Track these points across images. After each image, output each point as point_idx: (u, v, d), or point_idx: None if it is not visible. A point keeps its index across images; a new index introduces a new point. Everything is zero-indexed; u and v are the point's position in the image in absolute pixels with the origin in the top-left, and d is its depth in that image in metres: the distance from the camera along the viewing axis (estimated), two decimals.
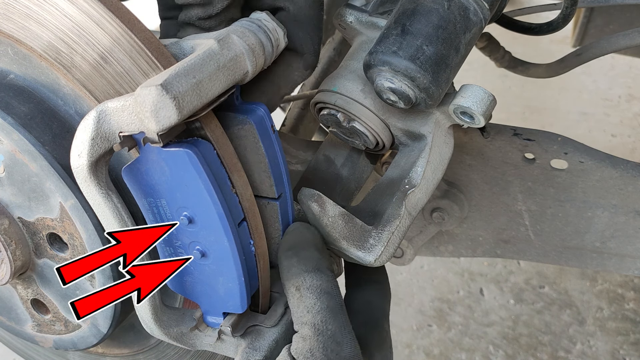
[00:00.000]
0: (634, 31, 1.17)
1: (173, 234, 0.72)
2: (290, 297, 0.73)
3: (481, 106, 0.81)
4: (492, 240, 1.20)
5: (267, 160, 0.75)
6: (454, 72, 0.83)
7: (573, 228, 1.12)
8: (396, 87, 0.81)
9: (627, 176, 1.03)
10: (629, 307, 2.16)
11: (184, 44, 0.75)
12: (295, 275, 0.73)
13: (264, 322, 0.79)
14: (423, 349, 2.06)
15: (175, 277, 0.76)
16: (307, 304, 0.71)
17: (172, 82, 0.61)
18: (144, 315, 0.77)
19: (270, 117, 0.75)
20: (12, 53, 0.78)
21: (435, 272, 2.31)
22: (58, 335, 0.94)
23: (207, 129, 0.69)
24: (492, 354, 2.03)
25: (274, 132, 0.75)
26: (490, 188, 1.13)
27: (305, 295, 0.71)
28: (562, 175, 1.06)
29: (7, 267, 0.83)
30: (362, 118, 0.90)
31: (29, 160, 0.77)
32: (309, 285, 0.72)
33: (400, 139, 0.93)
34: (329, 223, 0.81)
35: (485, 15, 0.84)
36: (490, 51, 1.32)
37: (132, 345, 1.01)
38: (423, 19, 0.80)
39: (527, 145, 1.05)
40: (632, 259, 1.13)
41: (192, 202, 0.69)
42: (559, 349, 2.04)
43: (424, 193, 0.88)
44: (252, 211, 0.74)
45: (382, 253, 0.81)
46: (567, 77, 1.58)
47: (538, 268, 2.30)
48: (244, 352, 0.76)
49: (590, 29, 1.80)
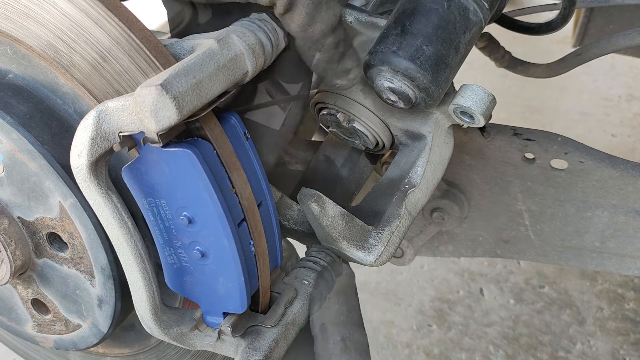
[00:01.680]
0: (634, 31, 1.17)
1: (173, 234, 0.72)
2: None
3: (481, 106, 0.81)
4: (492, 240, 1.20)
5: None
6: (453, 71, 0.83)
7: (573, 228, 1.12)
8: (396, 87, 0.81)
9: (627, 176, 1.03)
10: (629, 307, 2.16)
11: (183, 43, 0.75)
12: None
13: (264, 322, 0.79)
14: (423, 348, 2.06)
15: (175, 277, 0.76)
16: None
17: (172, 82, 0.61)
18: (144, 315, 0.77)
19: (242, 125, 0.75)
20: (11, 52, 0.77)
21: (435, 272, 2.31)
22: (58, 335, 0.94)
23: (206, 128, 0.69)
24: (492, 354, 2.03)
25: (247, 139, 0.75)
26: (490, 188, 1.12)
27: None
28: (562, 175, 1.06)
29: (7, 267, 0.83)
30: (362, 118, 0.90)
31: (28, 160, 0.77)
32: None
33: (400, 138, 0.93)
34: (329, 223, 0.81)
35: (485, 15, 0.84)
36: (490, 51, 1.32)
37: (132, 345, 1.01)
38: (423, 19, 0.80)
39: (527, 145, 1.05)
40: (632, 259, 1.12)
41: (192, 202, 0.69)
42: (559, 349, 2.04)
43: (424, 193, 0.88)
44: (252, 211, 0.74)
45: (382, 253, 0.81)
46: (567, 77, 1.58)
47: (538, 268, 2.30)
48: (244, 352, 0.76)
49: (590, 29, 1.80)
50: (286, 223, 0.90)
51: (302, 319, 0.80)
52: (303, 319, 0.80)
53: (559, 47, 3.35)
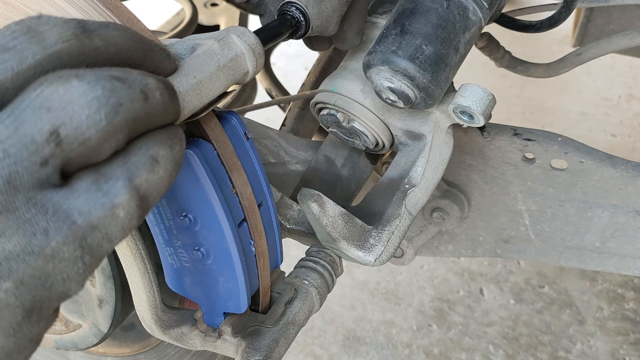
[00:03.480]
0: (634, 31, 1.17)
1: (173, 234, 0.72)
2: None
3: (481, 105, 0.81)
4: (492, 240, 1.20)
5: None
6: (453, 71, 0.83)
7: (573, 228, 1.12)
8: (395, 87, 0.81)
9: (627, 176, 1.03)
10: (629, 307, 2.16)
11: (184, 43, 0.74)
12: None
13: (264, 322, 0.79)
14: (423, 348, 2.06)
15: (176, 277, 0.76)
16: None
17: (172, 82, 0.61)
18: (144, 315, 0.77)
19: (242, 125, 0.75)
20: None
21: (435, 272, 2.31)
22: (59, 335, 0.94)
23: (207, 128, 0.69)
24: (492, 354, 2.03)
25: (247, 139, 0.75)
26: (490, 188, 1.13)
27: None
28: (562, 175, 1.06)
29: None
30: (361, 118, 0.90)
31: None
32: None
33: (400, 138, 0.93)
34: (329, 223, 0.81)
35: (485, 14, 0.84)
36: (490, 51, 1.32)
37: (132, 345, 1.01)
38: (422, 19, 0.80)
39: (527, 145, 1.05)
40: (632, 259, 1.12)
41: (192, 202, 0.69)
42: (559, 348, 2.04)
43: (424, 192, 0.88)
44: (252, 211, 0.74)
45: (383, 253, 0.81)
46: (567, 77, 1.58)
47: (538, 268, 2.30)
48: (244, 352, 0.76)
49: (590, 29, 1.80)
50: (286, 223, 0.90)
51: (302, 318, 0.80)
52: (303, 318, 0.81)
53: (559, 47, 3.36)
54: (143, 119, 0.46)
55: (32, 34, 0.44)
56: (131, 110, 0.44)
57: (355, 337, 2.12)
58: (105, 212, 0.43)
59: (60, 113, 0.41)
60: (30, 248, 0.40)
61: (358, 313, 2.19)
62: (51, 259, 0.40)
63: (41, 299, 0.41)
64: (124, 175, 0.44)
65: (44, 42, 0.44)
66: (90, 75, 0.43)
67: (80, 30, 0.46)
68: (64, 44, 0.44)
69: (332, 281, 0.85)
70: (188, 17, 1.74)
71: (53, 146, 0.41)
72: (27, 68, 0.43)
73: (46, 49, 0.44)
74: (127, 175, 0.44)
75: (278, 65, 3.46)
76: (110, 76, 0.44)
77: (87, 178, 0.43)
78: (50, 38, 0.44)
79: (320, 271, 0.84)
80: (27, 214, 0.40)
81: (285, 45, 2.91)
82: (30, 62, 0.43)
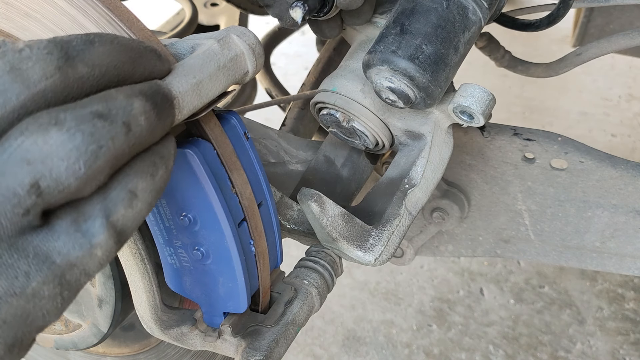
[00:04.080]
0: (634, 31, 1.17)
1: (173, 234, 0.72)
2: None
3: (481, 105, 0.81)
4: (492, 240, 1.20)
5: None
6: (453, 71, 0.83)
7: (573, 228, 1.12)
8: (395, 87, 0.81)
9: (627, 176, 1.03)
10: (629, 307, 2.16)
11: (183, 43, 0.74)
12: None
13: (264, 322, 0.79)
14: (423, 348, 2.06)
15: (176, 277, 0.76)
16: None
17: (172, 82, 0.61)
18: (144, 315, 0.77)
19: (242, 125, 0.75)
20: None
21: (435, 272, 2.31)
22: (58, 335, 0.94)
23: (206, 128, 0.69)
24: (492, 354, 2.03)
25: (247, 139, 0.75)
26: (490, 188, 1.13)
27: None
28: (562, 175, 1.06)
29: None
30: (361, 118, 0.90)
31: None
32: None
33: (400, 138, 0.93)
34: (329, 223, 0.81)
35: (484, 14, 0.84)
36: (490, 51, 1.32)
37: (132, 345, 1.01)
38: (422, 18, 0.80)
39: (527, 145, 1.05)
40: (632, 259, 1.12)
41: (192, 202, 0.69)
42: (559, 348, 2.04)
43: (423, 192, 0.88)
44: (252, 210, 0.74)
45: (383, 253, 0.81)
46: (567, 77, 1.58)
47: (538, 268, 2.30)
48: (245, 352, 0.76)
49: (590, 29, 1.80)
50: (286, 223, 0.90)
51: (302, 318, 0.80)
52: (303, 318, 0.81)
53: (559, 46, 3.36)
54: (125, 154, 0.46)
55: (16, 74, 0.43)
56: (112, 150, 0.45)
57: (355, 337, 2.12)
58: (84, 252, 0.44)
59: (40, 166, 0.42)
60: (12, 290, 0.41)
61: (358, 313, 2.19)
62: (32, 298, 0.42)
63: (22, 334, 0.43)
64: (102, 213, 0.45)
65: (27, 80, 0.43)
66: (70, 119, 0.43)
67: (63, 60, 0.45)
68: (48, 80, 0.44)
69: (332, 281, 0.85)
70: (188, 17, 1.74)
71: (34, 197, 0.42)
72: (11, 111, 0.43)
73: (30, 88, 0.43)
74: (104, 214, 0.45)
75: (278, 65, 3.46)
76: (92, 114, 0.44)
77: (67, 217, 0.44)
78: (34, 76, 0.44)
79: (320, 271, 0.84)
80: (9, 260, 0.42)
81: (286, 45, 2.90)
82: (14, 104, 0.43)
